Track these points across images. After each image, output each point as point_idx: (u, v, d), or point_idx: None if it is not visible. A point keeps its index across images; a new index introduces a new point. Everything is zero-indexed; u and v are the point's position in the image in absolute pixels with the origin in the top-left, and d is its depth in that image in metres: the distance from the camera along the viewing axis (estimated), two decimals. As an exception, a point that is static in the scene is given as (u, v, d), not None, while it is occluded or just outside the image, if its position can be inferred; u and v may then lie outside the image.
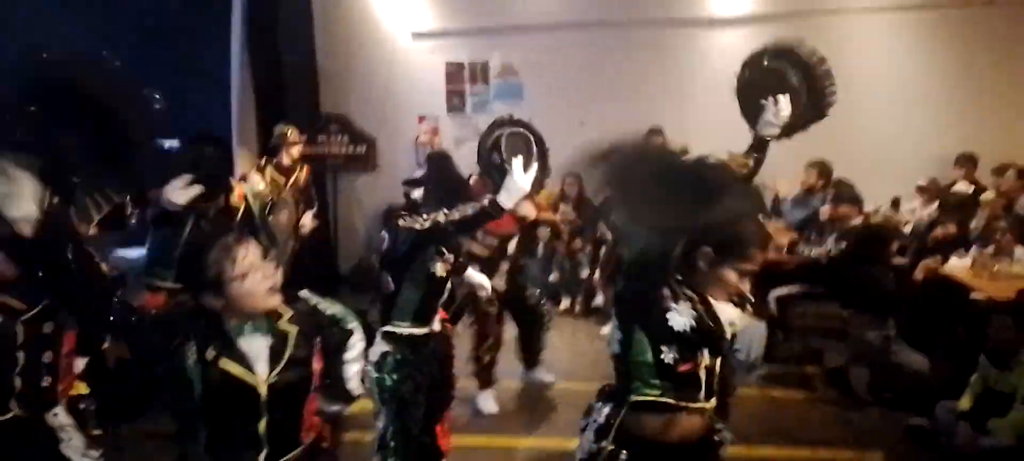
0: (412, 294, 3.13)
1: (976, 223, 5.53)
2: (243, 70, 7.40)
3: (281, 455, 1.98)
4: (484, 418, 4.59)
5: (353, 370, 2.30)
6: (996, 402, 3.78)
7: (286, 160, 6.07)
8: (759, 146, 2.71)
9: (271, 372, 1.93)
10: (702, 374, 2.13)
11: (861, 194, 5.36)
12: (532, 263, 6.64)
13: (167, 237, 3.83)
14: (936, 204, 6.02)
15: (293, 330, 1.99)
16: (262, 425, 1.94)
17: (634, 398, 2.14)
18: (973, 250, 5.16)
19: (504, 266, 4.80)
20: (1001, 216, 5.42)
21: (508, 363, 4.96)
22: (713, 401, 2.19)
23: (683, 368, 2.08)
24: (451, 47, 8.06)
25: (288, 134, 6.11)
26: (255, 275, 1.91)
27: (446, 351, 3.38)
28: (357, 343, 2.32)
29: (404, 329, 3.15)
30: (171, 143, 5.06)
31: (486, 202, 2.96)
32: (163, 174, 4.13)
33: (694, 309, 2.08)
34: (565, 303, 7.01)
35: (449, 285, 3.29)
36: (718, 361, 2.17)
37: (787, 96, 2.70)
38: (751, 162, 2.68)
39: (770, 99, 2.68)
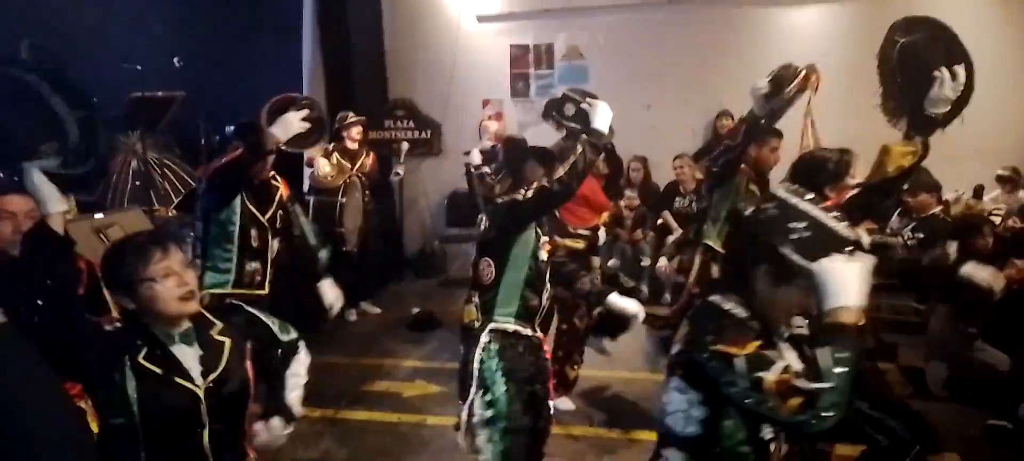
0: (514, 278, 2.85)
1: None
2: (314, 57, 7.57)
3: None
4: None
5: (297, 386, 2.17)
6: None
7: (349, 144, 6.20)
8: (925, 125, 2.45)
9: (207, 379, 1.88)
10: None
11: (938, 181, 5.12)
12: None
13: None
14: (1022, 193, 5.69)
15: (227, 341, 1.95)
16: (205, 436, 1.88)
17: None
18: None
19: (596, 261, 4.70)
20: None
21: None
22: None
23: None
24: (516, 30, 8.05)
25: (348, 118, 6.23)
26: (167, 281, 1.84)
27: (543, 364, 3.02)
28: (303, 359, 2.22)
29: (510, 325, 2.86)
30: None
31: (583, 138, 2.87)
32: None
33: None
34: (627, 290, 6.94)
35: (548, 282, 3.02)
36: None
37: (963, 66, 2.40)
38: (919, 147, 2.44)
39: (943, 70, 2.37)
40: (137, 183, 6.22)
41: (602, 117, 2.91)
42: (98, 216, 4.52)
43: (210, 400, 1.87)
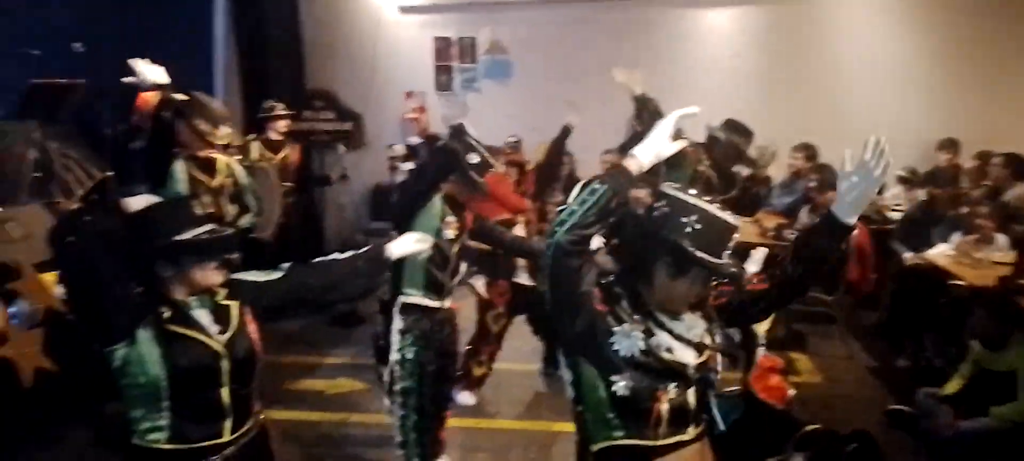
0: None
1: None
2: (227, 45, 7.29)
3: (239, 426, 2.06)
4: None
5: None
6: (992, 384, 3.77)
7: (273, 136, 5.98)
8: None
9: (224, 337, 2.02)
10: (664, 409, 1.73)
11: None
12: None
13: None
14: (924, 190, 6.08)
15: (234, 304, 2.10)
16: (225, 393, 2.01)
17: (594, 447, 1.80)
18: (955, 237, 5.20)
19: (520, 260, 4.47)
20: (984, 203, 5.45)
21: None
22: (693, 430, 1.81)
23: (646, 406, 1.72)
24: (439, 22, 7.99)
25: (275, 109, 6.02)
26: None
27: (454, 335, 3.38)
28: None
29: (419, 299, 3.11)
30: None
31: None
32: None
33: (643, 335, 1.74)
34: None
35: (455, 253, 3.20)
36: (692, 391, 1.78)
37: None
38: None
39: None
40: (37, 175, 5.81)
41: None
42: (-8, 209, 4.22)
43: (228, 358, 2.00)
